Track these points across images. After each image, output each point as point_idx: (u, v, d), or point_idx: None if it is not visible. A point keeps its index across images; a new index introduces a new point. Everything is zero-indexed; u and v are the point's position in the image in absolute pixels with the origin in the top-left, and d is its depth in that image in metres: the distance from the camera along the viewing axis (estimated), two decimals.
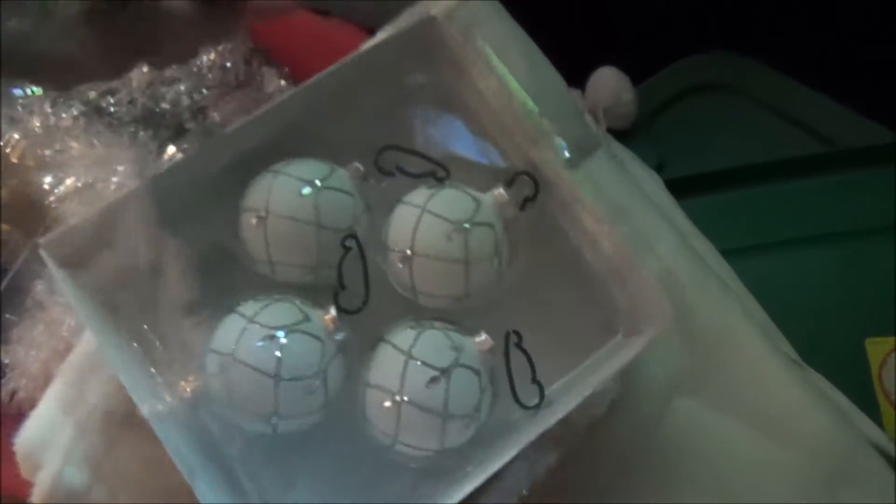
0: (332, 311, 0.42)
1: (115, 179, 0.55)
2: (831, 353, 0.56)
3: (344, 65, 0.45)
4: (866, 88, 0.71)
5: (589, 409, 0.44)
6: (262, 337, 0.40)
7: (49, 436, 0.45)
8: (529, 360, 0.42)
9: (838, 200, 0.69)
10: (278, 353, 0.39)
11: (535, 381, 0.42)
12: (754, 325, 0.51)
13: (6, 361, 0.55)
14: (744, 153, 0.69)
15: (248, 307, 0.41)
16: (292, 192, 0.43)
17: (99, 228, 0.41)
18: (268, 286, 0.43)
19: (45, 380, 0.48)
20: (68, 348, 0.49)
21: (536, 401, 0.42)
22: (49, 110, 0.58)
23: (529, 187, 0.46)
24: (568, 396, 0.42)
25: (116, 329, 0.42)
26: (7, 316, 0.56)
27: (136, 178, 0.53)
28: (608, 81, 0.64)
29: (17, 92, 0.57)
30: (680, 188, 0.58)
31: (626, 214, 0.51)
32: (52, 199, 0.56)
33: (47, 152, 0.56)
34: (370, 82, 0.46)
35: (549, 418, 0.41)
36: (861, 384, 0.66)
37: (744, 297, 0.54)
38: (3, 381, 0.55)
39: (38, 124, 0.57)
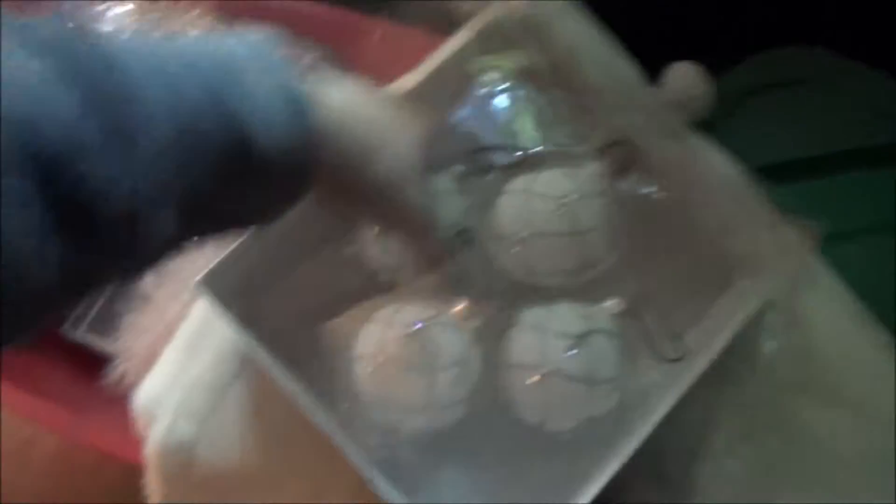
0: (461, 303, 0.44)
1: None
2: None
3: (433, 70, 0.48)
4: None
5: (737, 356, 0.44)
6: (403, 334, 0.42)
7: (163, 394, 0.49)
8: (660, 317, 0.43)
9: None
10: (422, 347, 0.41)
11: (671, 334, 0.43)
12: (850, 312, 0.50)
13: (117, 348, 0.60)
14: (819, 147, 0.68)
15: (382, 313, 0.44)
16: None
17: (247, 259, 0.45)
18: (395, 291, 0.46)
19: (152, 362, 0.52)
20: (172, 333, 0.53)
21: (677, 354, 0.43)
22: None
23: (626, 156, 0.47)
24: (708, 348, 0.42)
25: (276, 349, 0.45)
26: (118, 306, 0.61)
27: None
28: (685, 75, 0.64)
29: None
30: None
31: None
32: None
33: None
34: (457, 84, 0.48)
35: (694, 368, 0.41)
36: None
37: (835, 285, 0.54)
38: (113, 365, 0.59)
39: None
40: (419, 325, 0.41)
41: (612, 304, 0.43)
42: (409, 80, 0.51)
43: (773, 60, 0.69)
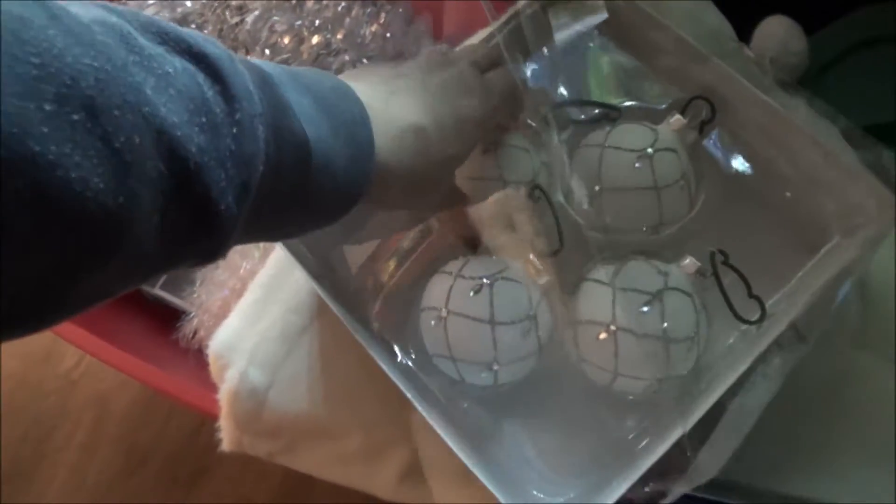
0: (531, 256, 0.43)
1: None
2: None
3: (504, 22, 0.47)
4: None
5: (819, 318, 0.42)
6: (471, 287, 0.41)
7: (237, 341, 0.50)
8: (742, 276, 0.41)
9: None
10: (490, 300, 0.41)
11: (752, 295, 0.41)
12: None
13: (191, 302, 0.61)
14: None
15: (451, 265, 0.43)
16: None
17: None
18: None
19: (224, 316, 0.53)
20: (244, 288, 0.54)
21: (757, 315, 0.41)
22: None
23: (706, 111, 0.45)
24: (792, 307, 0.40)
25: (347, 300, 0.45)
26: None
27: None
28: (777, 30, 0.60)
29: None
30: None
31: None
32: None
33: None
34: (530, 36, 0.47)
35: (772, 330, 0.39)
36: None
37: None
38: (187, 320, 0.61)
39: None
40: (486, 280, 0.41)
41: (688, 263, 0.41)
42: (481, 34, 0.51)
43: (873, 16, 0.64)
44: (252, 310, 0.52)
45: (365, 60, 0.62)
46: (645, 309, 0.39)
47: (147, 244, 0.24)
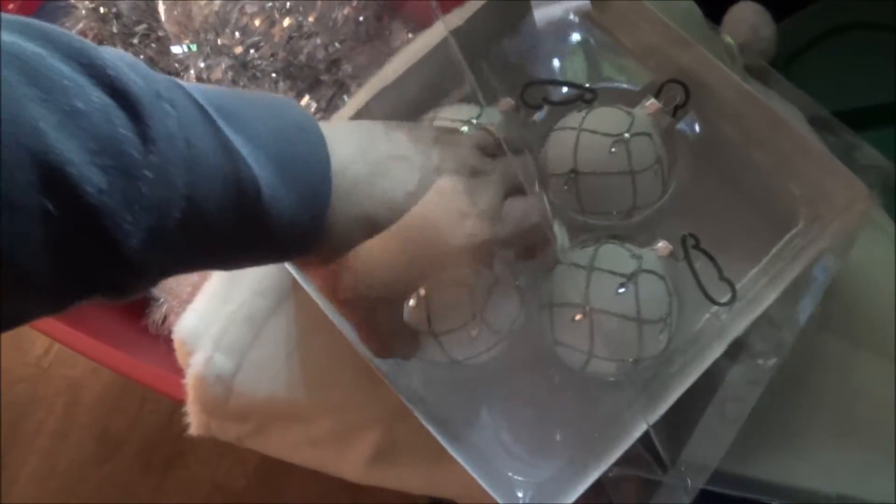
0: None
1: None
2: None
3: (478, 11, 0.47)
4: None
5: (797, 304, 0.42)
6: None
7: (203, 326, 0.50)
8: (712, 259, 0.42)
9: None
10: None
11: (722, 278, 0.41)
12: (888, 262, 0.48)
13: (161, 288, 0.59)
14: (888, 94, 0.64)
15: None
16: None
17: None
18: None
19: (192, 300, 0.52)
20: (212, 274, 0.53)
21: (727, 297, 0.41)
22: (202, 65, 0.61)
23: (680, 95, 0.45)
24: (764, 289, 0.41)
25: None
26: None
27: None
28: (747, 15, 0.60)
29: (176, 49, 0.61)
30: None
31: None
32: None
33: None
34: (505, 25, 0.47)
35: (747, 315, 0.40)
36: None
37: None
38: (155, 305, 0.60)
39: (193, 77, 0.61)
40: None
41: (661, 246, 0.41)
42: (459, 13, 0.50)
43: (842, 3, 0.65)
44: (217, 294, 0.51)
45: (337, 44, 0.61)
46: (621, 290, 0.39)
47: (41, 278, 0.23)
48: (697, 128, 0.46)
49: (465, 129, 0.44)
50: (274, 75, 0.64)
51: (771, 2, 0.61)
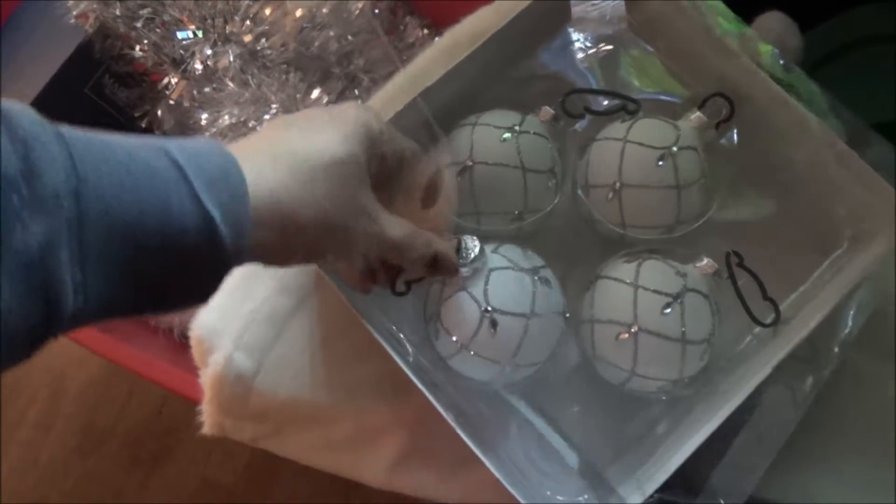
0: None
1: (266, 118, 0.57)
2: None
3: (516, 18, 0.45)
4: None
5: (839, 329, 0.42)
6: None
7: (222, 324, 0.48)
8: (756, 278, 0.41)
9: None
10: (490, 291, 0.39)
11: (766, 298, 0.41)
12: None
13: None
14: None
15: None
16: (493, 139, 0.43)
17: None
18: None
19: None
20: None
21: (771, 318, 0.41)
22: (209, 52, 0.59)
23: (725, 109, 0.44)
24: (806, 311, 0.40)
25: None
26: None
27: None
28: (774, 25, 0.60)
29: (182, 35, 0.59)
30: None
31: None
32: (207, 134, 0.58)
33: (206, 90, 0.58)
34: (541, 34, 0.46)
35: (791, 338, 0.39)
36: None
37: None
38: None
39: (199, 66, 0.59)
40: (494, 272, 0.40)
41: (706, 264, 0.41)
42: (495, 15, 0.49)
43: (868, 14, 0.65)
44: (237, 291, 0.49)
45: (350, 37, 0.59)
46: (667, 311, 0.39)
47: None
48: (736, 139, 0.45)
49: (506, 135, 0.43)
50: (284, 66, 0.62)
51: (797, 12, 0.61)
